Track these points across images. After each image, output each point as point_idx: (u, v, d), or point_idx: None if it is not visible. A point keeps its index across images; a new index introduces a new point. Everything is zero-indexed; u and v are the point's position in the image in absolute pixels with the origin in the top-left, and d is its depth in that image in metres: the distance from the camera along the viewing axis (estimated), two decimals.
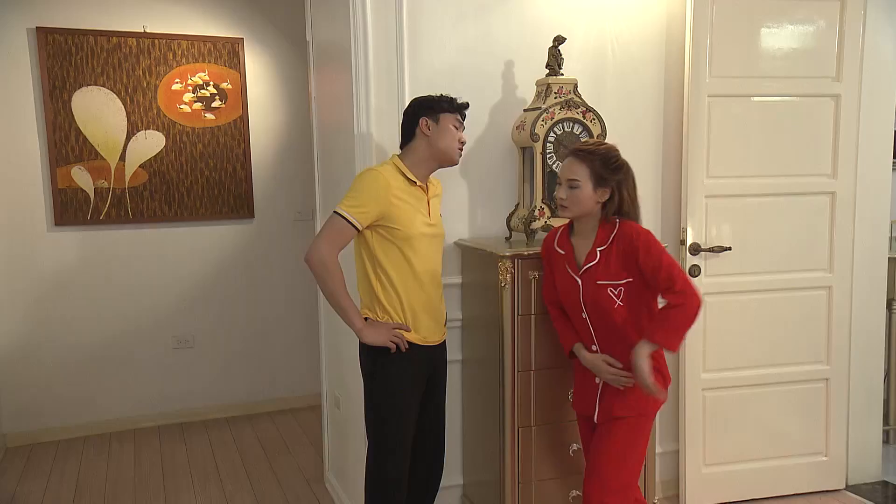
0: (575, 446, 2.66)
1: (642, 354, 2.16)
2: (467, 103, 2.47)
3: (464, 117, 2.47)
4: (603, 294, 2.24)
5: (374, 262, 2.35)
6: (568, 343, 2.40)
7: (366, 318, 2.38)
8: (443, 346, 2.54)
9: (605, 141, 2.46)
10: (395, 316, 2.36)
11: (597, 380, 2.35)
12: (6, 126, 3.97)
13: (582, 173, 2.22)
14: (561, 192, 2.27)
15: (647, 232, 2.24)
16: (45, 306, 4.10)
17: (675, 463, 3.23)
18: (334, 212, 2.28)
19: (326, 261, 2.25)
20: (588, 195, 2.23)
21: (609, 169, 2.23)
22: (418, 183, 2.39)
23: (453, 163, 2.46)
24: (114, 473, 3.71)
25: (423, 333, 2.41)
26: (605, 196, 2.24)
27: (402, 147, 2.46)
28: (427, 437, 2.53)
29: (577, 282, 2.28)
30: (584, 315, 2.31)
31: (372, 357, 2.38)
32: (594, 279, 2.25)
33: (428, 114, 2.38)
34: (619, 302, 2.23)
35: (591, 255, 2.26)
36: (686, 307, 2.15)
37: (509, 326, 2.54)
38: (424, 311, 2.41)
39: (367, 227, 2.31)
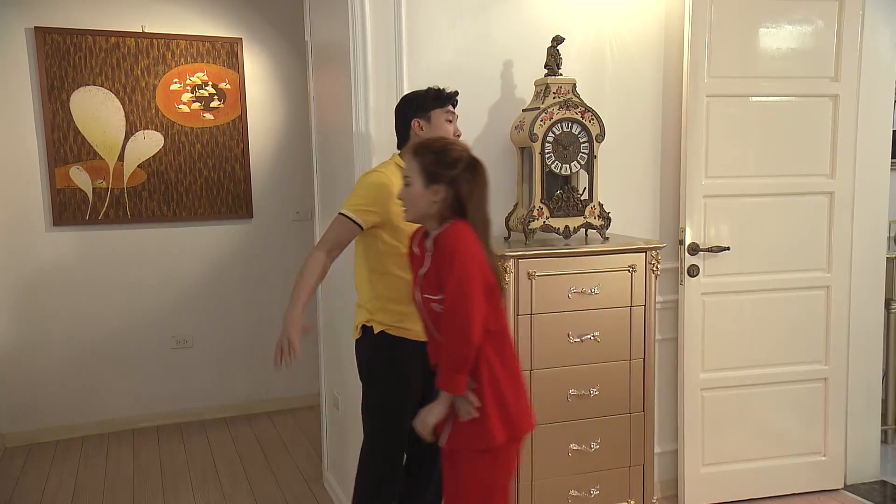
0: (574, 446, 2.66)
1: (439, 400, 1.98)
2: (456, 91, 2.42)
3: (455, 105, 2.43)
4: (431, 309, 2.02)
5: (376, 262, 2.33)
6: (433, 354, 2.15)
7: (365, 325, 2.36)
8: None
9: (461, 141, 2.22)
10: (393, 311, 2.33)
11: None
12: (5, 126, 3.96)
13: (413, 170, 2.02)
14: (401, 192, 2.08)
15: (467, 243, 1.95)
16: (44, 306, 4.10)
17: (674, 463, 3.24)
18: (339, 213, 2.28)
19: (313, 259, 2.26)
20: (418, 193, 2.01)
21: (442, 164, 2.00)
22: None
23: None
24: (112, 473, 3.71)
25: (420, 329, 2.37)
26: (439, 195, 2.00)
27: (399, 146, 2.45)
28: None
29: (417, 294, 2.09)
30: (431, 328, 2.08)
31: (370, 358, 2.37)
32: (423, 291, 2.04)
33: (418, 114, 2.36)
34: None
35: (426, 262, 2.06)
36: (456, 350, 1.92)
37: (509, 326, 2.53)
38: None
39: (372, 228, 2.29)
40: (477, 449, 2.02)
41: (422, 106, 2.37)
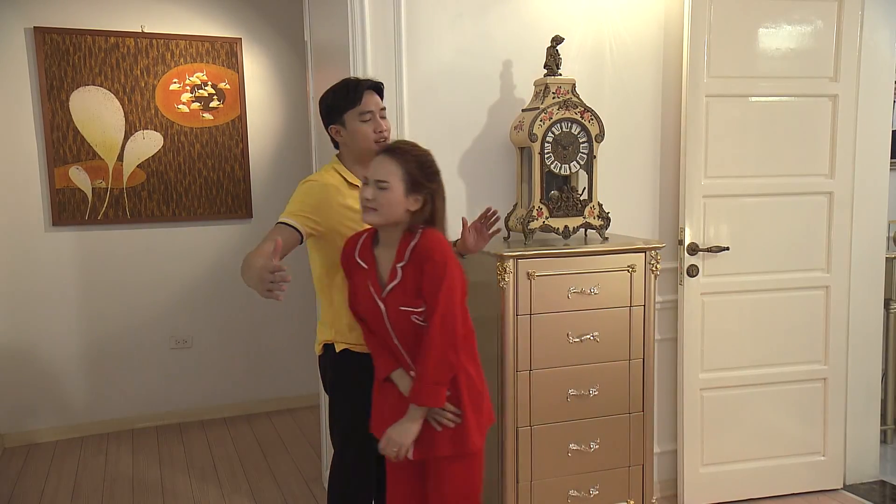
0: (573, 446, 2.66)
1: (413, 417, 1.97)
2: (370, 81, 2.22)
3: (379, 93, 2.22)
4: (408, 321, 1.97)
5: (328, 275, 2.26)
6: (386, 367, 2.07)
7: (326, 344, 2.30)
8: None
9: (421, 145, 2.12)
10: (352, 325, 2.23)
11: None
12: (4, 126, 3.96)
13: (394, 174, 1.94)
14: (367, 193, 1.95)
15: (450, 253, 1.95)
16: (43, 306, 4.10)
17: (673, 463, 3.24)
18: (277, 222, 2.14)
19: (244, 260, 2.03)
20: (398, 199, 1.94)
21: (425, 174, 1.97)
22: (360, 185, 2.14)
23: None
24: (112, 474, 3.71)
25: None
26: (417, 205, 1.97)
27: (336, 148, 2.34)
28: None
29: (380, 306, 1.99)
30: (395, 341, 2.03)
31: (335, 379, 2.32)
32: (397, 304, 1.97)
33: (334, 120, 2.22)
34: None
35: (393, 274, 1.98)
36: (438, 362, 1.92)
37: (509, 326, 2.54)
38: None
39: (318, 238, 2.19)
40: (457, 455, 2.02)
41: (333, 109, 2.22)
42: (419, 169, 1.97)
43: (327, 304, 2.31)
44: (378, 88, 2.26)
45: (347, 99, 2.19)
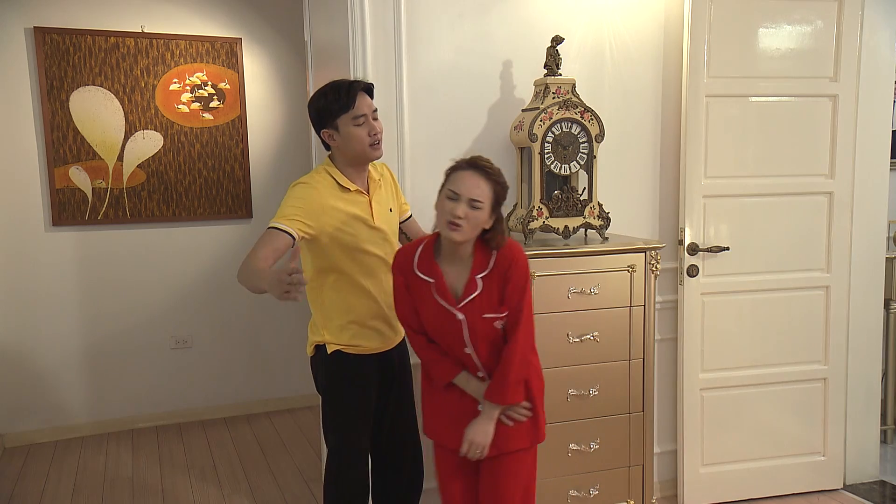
0: (573, 446, 2.66)
1: (491, 416, 2.07)
2: (361, 83, 2.20)
3: (369, 93, 2.21)
4: (490, 328, 2.04)
5: (323, 276, 2.25)
6: (450, 373, 2.11)
7: (318, 345, 2.30)
8: (401, 346, 2.43)
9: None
10: (344, 325, 2.25)
11: (480, 406, 2.11)
12: (4, 126, 3.96)
13: (487, 195, 1.98)
14: (459, 210, 1.95)
15: (527, 262, 2.07)
16: (43, 306, 4.10)
17: (673, 463, 3.24)
18: (269, 227, 2.13)
19: (242, 268, 2.04)
20: (484, 219, 1.99)
21: (503, 194, 2.03)
22: (352, 188, 2.22)
23: (374, 159, 2.25)
24: (112, 474, 3.71)
25: (376, 343, 2.32)
26: (491, 223, 2.02)
27: (327, 150, 2.30)
28: (402, 440, 2.46)
29: (459, 316, 2.04)
30: (469, 350, 2.07)
31: (328, 381, 2.32)
32: (480, 312, 2.03)
33: (326, 124, 2.19)
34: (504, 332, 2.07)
35: (472, 285, 2.03)
36: (521, 365, 2.05)
37: None
38: (380, 323, 2.31)
39: (311, 240, 2.18)
40: (528, 447, 2.16)
41: (325, 113, 2.18)
42: (503, 191, 2.04)
43: (318, 305, 2.31)
44: (369, 90, 2.25)
45: (340, 103, 2.15)
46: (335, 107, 2.16)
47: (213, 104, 4.33)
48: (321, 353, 2.33)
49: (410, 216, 2.52)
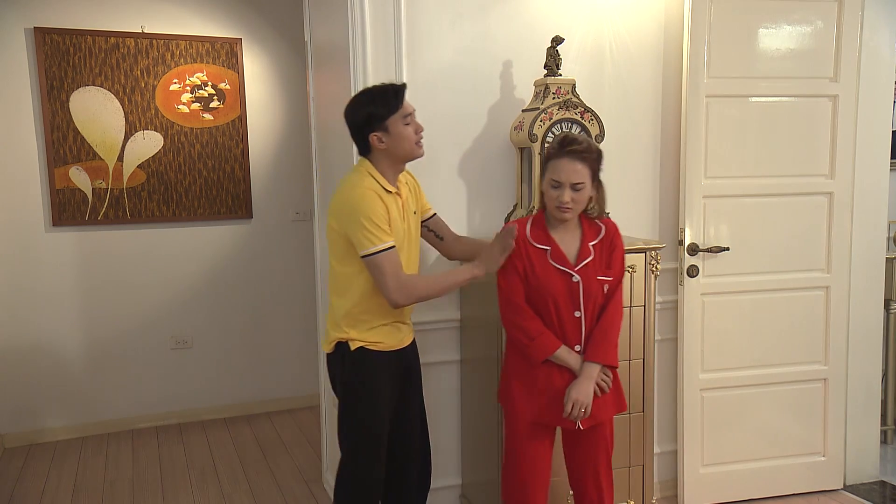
0: None
1: (591, 376, 2.22)
2: (404, 85, 2.27)
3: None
4: (600, 289, 2.24)
5: (360, 283, 2.25)
6: (552, 345, 2.21)
7: (340, 341, 2.30)
8: (413, 344, 2.46)
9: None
10: (370, 323, 2.27)
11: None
12: (4, 126, 3.96)
13: (586, 175, 2.17)
14: (565, 196, 2.16)
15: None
16: (43, 306, 4.10)
17: (674, 463, 3.24)
18: (370, 254, 2.14)
19: (408, 286, 2.18)
20: (588, 194, 2.21)
21: (600, 163, 2.23)
22: (393, 191, 2.26)
23: (418, 157, 2.33)
24: (112, 474, 3.71)
25: (395, 340, 2.34)
26: (594, 192, 2.25)
27: (361, 153, 2.31)
28: (412, 439, 2.47)
29: (575, 278, 2.21)
30: (578, 313, 2.23)
31: (350, 378, 2.31)
32: (594, 274, 2.23)
33: (375, 127, 2.21)
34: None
35: (585, 251, 2.24)
36: (620, 323, 2.28)
37: None
38: (399, 319, 2.34)
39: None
40: (616, 414, 2.33)
41: (374, 117, 2.21)
42: (598, 162, 2.22)
43: (347, 301, 2.28)
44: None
45: (390, 105, 2.23)
46: (384, 110, 2.22)
47: (214, 104, 4.33)
48: (342, 350, 2.31)
49: (434, 214, 2.53)
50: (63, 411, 4.19)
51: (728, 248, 3.03)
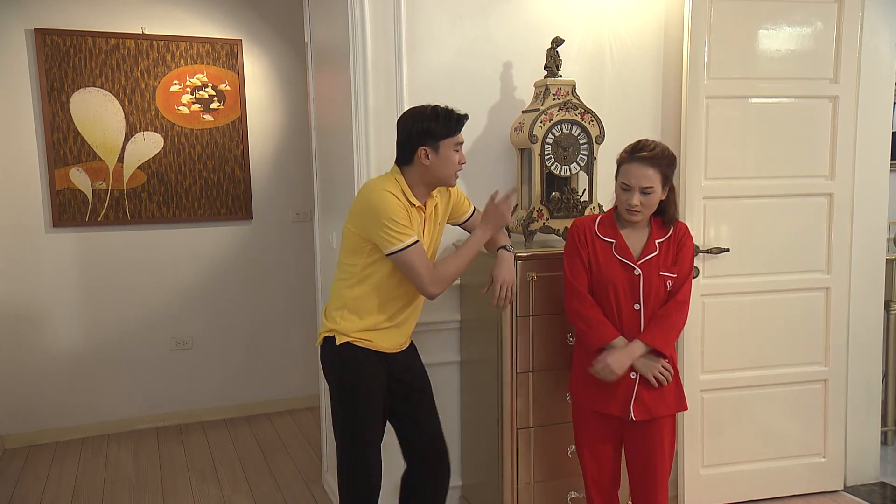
0: (574, 448, 2.65)
1: (633, 354, 2.27)
2: (466, 115, 2.30)
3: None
4: (662, 284, 2.28)
5: (365, 276, 2.28)
6: (609, 334, 2.28)
7: (327, 336, 2.32)
8: (407, 352, 2.44)
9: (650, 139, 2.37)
10: (361, 320, 2.29)
11: (633, 375, 2.29)
12: (4, 127, 3.96)
13: (656, 179, 2.23)
14: (634, 199, 2.24)
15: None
16: (44, 307, 4.10)
17: (674, 464, 3.23)
18: (396, 251, 2.17)
19: (440, 275, 2.22)
20: (658, 198, 2.26)
21: (672, 168, 2.28)
22: (417, 204, 2.27)
23: (450, 185, 2.37)
24: (112, 475, 3.71)
25: (387, 344, 2.34)
26: (665, 194, 2.29)
27: (399, 162, 2.31)
28: (426, 441, 2.47)
29: (637, 271, 2.27)
30: (638, 306, 2.28)
31: (339, 372, 2.33)
32: (656, 269, 2.28)
33: (427, 143, 2.22)
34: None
35: (651, 247, 2.29)
36: (681, 317, 2.29)
37: (508, 328, 2.54)
38: (393, 325, 2.34)
39: (371, 244, 2.24)
40: (673, 414, 2.34)
41: (431, 133, 2.23)
42: (671, 167, 2.27)
43: (347, 295, 2.30)
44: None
45: (449, 128, 2.25)
46: (443, 130, 2.24)
47: (214, 105, 4.33)
48: (330, 344, 2.34)
49: (471, 216, 2.52)
50: (63, 412, 4.19)
51: (728, 250, 3.03)
